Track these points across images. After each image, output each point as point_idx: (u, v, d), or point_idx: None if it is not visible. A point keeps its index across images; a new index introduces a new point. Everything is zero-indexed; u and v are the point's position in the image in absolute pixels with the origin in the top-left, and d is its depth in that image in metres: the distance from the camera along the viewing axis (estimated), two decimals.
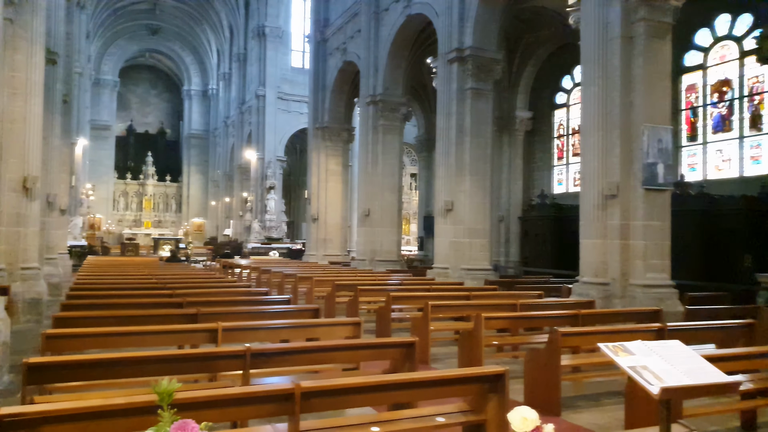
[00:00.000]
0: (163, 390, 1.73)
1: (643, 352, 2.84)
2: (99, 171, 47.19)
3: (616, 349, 2.86)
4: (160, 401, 1.73)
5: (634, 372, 2.75)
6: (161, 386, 1.73)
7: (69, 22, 19.81)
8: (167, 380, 1.75)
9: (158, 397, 1.73)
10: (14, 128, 10.44)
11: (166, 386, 1.73)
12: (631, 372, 2.75)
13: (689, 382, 2.69)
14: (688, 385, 2.68)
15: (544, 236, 19.93)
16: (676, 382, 2.70)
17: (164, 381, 1.76)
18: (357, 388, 3.55)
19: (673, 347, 2.95)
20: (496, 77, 15.30)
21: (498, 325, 7.49)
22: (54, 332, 5.05)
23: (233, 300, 8.19)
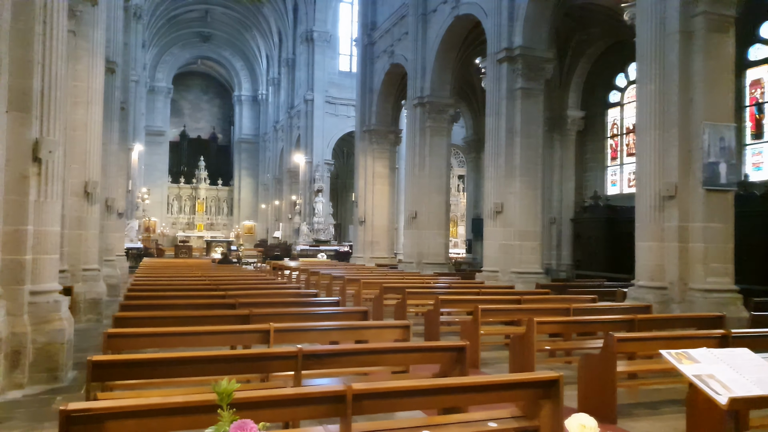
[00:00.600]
0: (223, 390, 1.74)
1: (708, 360, 2.71)
2: (154, 175, 48.79)
3: (679, 356, 2.74)
4: (220, 401, 1.75)
5: (700, 381, 2.62)
6: (221, 386, 1.75)
7: (126, 32, 20.57)
8: (227, 380, 1.77)
9: (218, 397, 1.75)
10: (76, 135, 10.85)
11: (226, 386, 1.75)
12: (696, 381, 2.63)
13: (760, 392, 2.55)
14: (760, 395, 2.54)
15: (597, 239, 19.43)
16: (746, 392, 2.56)
17: (224, 381, 1.77)
18: (408, 391, 3.52)
19: (741, 355, 2.81)
20: (547, 76, 15.03)
21: (550, 330, 7.32)
22: (114, 331, 5.21)
23: (284, 302, 8.28)
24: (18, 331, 6.24)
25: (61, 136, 6.87)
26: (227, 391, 1.74)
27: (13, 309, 6.26)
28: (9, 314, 6.21)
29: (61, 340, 6.61)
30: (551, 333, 8.34)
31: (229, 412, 1.73)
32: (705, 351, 2.80)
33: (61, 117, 6.90)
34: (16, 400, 5.95)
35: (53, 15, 6.74)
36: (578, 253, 20.68)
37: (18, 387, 6.18)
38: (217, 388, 1.75)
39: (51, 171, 6.69)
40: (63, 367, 6.59)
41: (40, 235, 6.62)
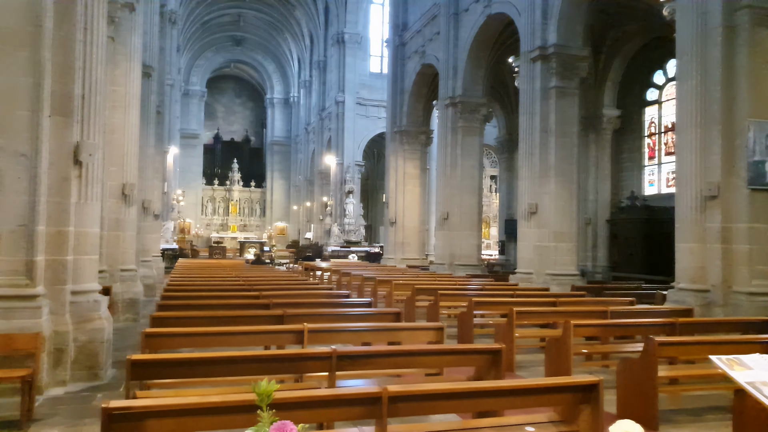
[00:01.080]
0: (263, 391, 1.73)
1: (762, 366, 2.60)
2: (188, 178, 49.64)
3: (730, 362, 2.63)
4: (260, 401, 1.74)
5: (754, 388, 2.51)
6: (261, 387, 1.74)
7: (162, 37, 20.95)
8: (266, 381, 1.76)
9: (258, 398, 1.74)
10: (114, 139, 11.09)
11: (266, 387, 1.74)
12: (750, 388, 2.52)
13: None
14: None
15: (634, 240, 19.01)
16: None
17: (263, 382, 1.76)
18: (444, 394, 3.48)
19: None
20: (582, 75, 14.78)
21: (587, 333, 7.17)
22: (152, 331, 5.29)
23: (317, 302, 8.31)
24: (60, 329, 6.39)
25: (100, 139, 7.02)
26: (267, 392, 1.72)
27: (55, 308, 6.42)
28: (52, 313, 6.37)
29: (101, 339, 6.74)
30: (588, 336, 8.18)
31: (268, 413, 1.72)
32: (758, 357, 2.68)
33: (100, 121, 7.05)
34: (58, 396, 6.09)
35: (93, 22, 6.90)
36: (614, 255, 20.28)
37: (61, 384, 6.33)
38: (257, 389, 1.74)
39: (91, 173, 6.84)
40: (103, 365, 6.73)
41: (80, 236, 6.77)
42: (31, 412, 5.22)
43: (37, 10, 6.17)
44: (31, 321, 5.97)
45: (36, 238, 6.10)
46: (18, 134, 6.07)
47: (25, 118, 6.10)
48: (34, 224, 6.09)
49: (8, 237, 6.03)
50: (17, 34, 6.09)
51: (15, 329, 5.84)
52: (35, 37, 6.15)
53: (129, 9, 11.31)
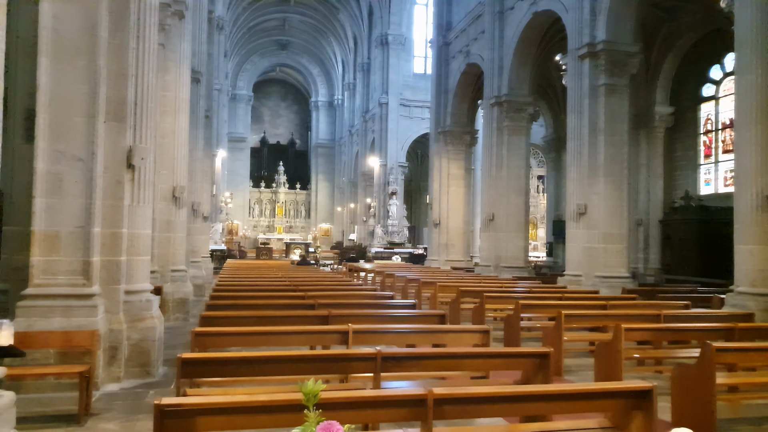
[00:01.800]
0: (310, 391, 1.73)
1: None
2: (236, 180, 50.67)
3: None
4: (306, 401, 1.74)
5: None
6: (308, 387, 1.74)
7: (210, 43, 21.44)
8: (312, 381, 1.76)
9: (304, 398, 1.74)
10: (165, 143, 11.38)
11: (312, 387, 1.74)
12: None
13: None
14: None
15: (689, 241, 18.36)
16: None
17: (310, 382, 1.76)
18: (490, 398, 3.42)
19: None
20: (632, 71, 14.36)
21: (638, 337, 6.95)
22: (202, 330, 5.41)
23: (361, 303, 8.32)
24: (115, 328, 6.60)
25: (151, 143, 7.23)
26: (314, 392, 1.73)
27: (110, 307, 6.64)
28: (107, 312, 6.59)
29: (153, 338, 6.93)
30: (639, 341, 7.94)
31: (315, 413, 1.71)
32: None
33: (151, 125, 7.26)
34: (114, 392, 6.30)
35: (145, 30, 7.12)
36: (667, 257, 19.63)
37: (115, 380, 6.54)
38: (304, 389, 1.74)
39: (143, 177, 7.05)
40: (154, 363, 6.92)
41: (133, 237, 6.99)
42: (89, 407, 5.40)
43: (94, 20, 6.39)
44: (87, 319, 6.18)
45: (92, 240, 6.32)
46: (75, 140, 6.30)
47: (82, 124, 6.33)
48: (90, 226, 6.31)
49: (67, 238, 6.26)
50: (76, 44, 6.33)
51: (73, 327, 6.06)
52: (92, 46, 6.38)
53: (178, 16, 11.61)
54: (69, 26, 6.30)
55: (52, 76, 6.21)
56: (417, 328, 6.01)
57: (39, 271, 6.15)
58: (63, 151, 6.25)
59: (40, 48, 6.14)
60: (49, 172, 6.20)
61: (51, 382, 5.97)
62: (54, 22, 6.23)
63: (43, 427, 5.05)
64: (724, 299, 9.51)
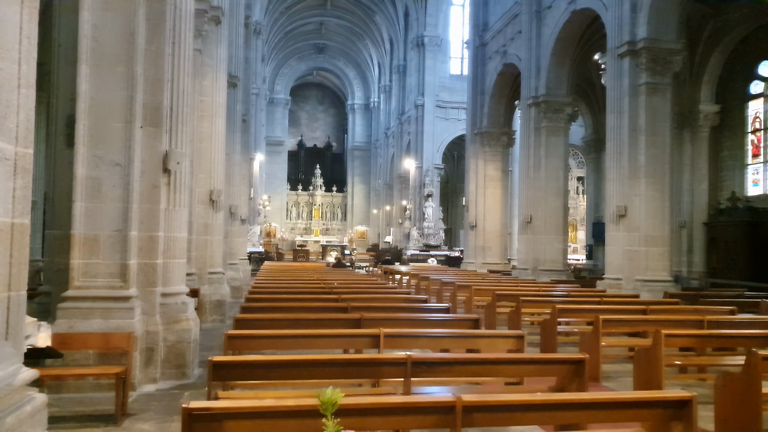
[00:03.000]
0: (327, 399, 1.70)
1: None
2: (274, 183, 51.34)
3: None
4: (324, 410, 1.70)
5: None
6: (326, 395, 1.71)
7: (247, 48, 21.76)
8: (331, 389, 1.72)
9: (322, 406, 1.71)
10: (202, 147, 11.59)
11: (330, 396, 1.70)
12: None
13: None
14: None
15: (735, 244, 17.71)
16: None
17: (328, 390, 1.73)
18: (522, 406, 3.33)
19: None
20: (676, 69, 13.94)
21: (680, 344, 6.72)
22: (234, 333, 5.45)
23: (394, 306, 8.29)
24: (151, 329, 6.72)
25: (187, 147, 7.34)
26: (331, 401, 1.69)
27: (147, 309, 6.76)
28: (143, 314, 6.71)
29: (188, 339, 7.03)
30: (682, 347, 7.68)
31: (333, 421, 1.68)
32: None
33: (187, 130, 7.38)
34: (150, 393, 6.41)
35: (181, 36, 7.24)
36: (713, 260, 18.98)
37: (152, 381, 6.66)
38: (322, 398, 1.71)
39: (179, 181, 7.16)
40: (190, 365, 7.01)
41: (169, 240, 7.11)
42: (125, 407, 5.50)
43: (131, 28, 6.53)
44: (125, 321, 6.30)
45: (129, 243, 6.44)
46: (113, 145, 6.44)
47: (119, 130, 6.47)
48: (127, 229, 6.44)
49: (105, 241, 6.41)
50: (114, 51, 6.48)
51: (111, 328, 6.19)
52: (129, 53, 6.51)
53: (215, 22, 11.79)
54: (107, 34, 6.45)
55: (91, 83, 6.37)
56: (449, 333, 5.92)
57: (79, 274, 6.31)
58: (101, 156, 6.40)
59: (79, 56, 6.30)
60: (88, 177, 6.36)
61: (90, 383, 6.11)
62: (93, 30, 6.39)
63: (81, 427, 5.17)
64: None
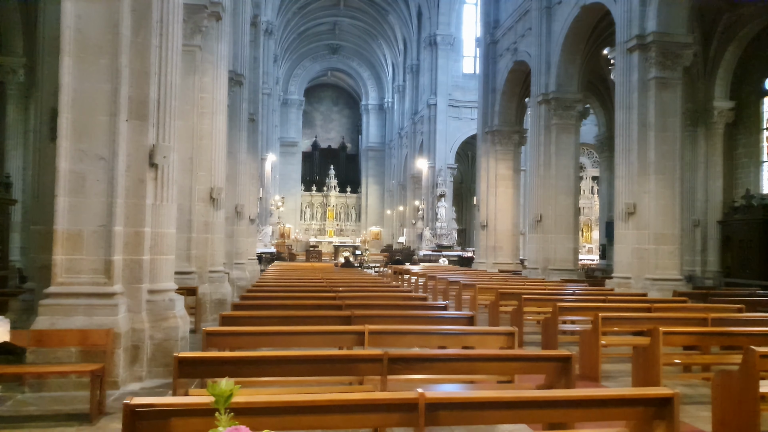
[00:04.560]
0: (220, 392, 1.53)
1: None
2: (288, 184, 51.41)
3: None
4: (216, 403, 1.53)
5: None
6: (218, 388, 1.53)
7: (256, 47, 21.70)
8: (225, 381, 1.55)
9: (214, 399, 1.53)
10: (202, 144, 11.48)
11: (223, 388, 1.53)
12: None
13: None
14: None
15: (751, 243, 17.23)
16: None
17: (222, 381, 1.55)
18: (490, 403, 3.12)
19: None
20: (686, 63, 13.55)
21: (681, 342, 6.44)
22: (214, 330, 5.31)
23: (390, 305, 8.10)
24: (137, 327, 6.60)
25: (175, 142, 7.21)
26: (224, 393, 1.51)
27: (132, 306, 6.64)
28: (129, 311, 6.60)
29: (176, 337, 6.90)
30: (686, 345, 7.40)
31: (227, 416, 1.50)
32: None
33: (175, 124, 7.26)
34: (134, 392, 6.28)
35: (169, 28, 7.12)
36: (727, 259, 18.50)
37: (137, 380, 6.54)
38: (214, 390, 1.53)
39: (166, 176, 7.04)
40: None
41: (156, 236, 6.98)
42: (103, 406, 5.38)
43: (116, 19, 6.43)
44: (108, 318, 6.20)
45: (113, 238, 6.33)
46: (97, 138, 6.35)
47: (104, 123, 6.37)
48: (111, 225, 6.34)
49: (89, 237, 6.31)
50: (98, 43, 6.38)
51: (95, 325, 6.08)
52: (114, 44, 6.42)
53: (215, 18, 11.70)
54: (91, 25, 6.35)
55: (74, 75, 6.28)
56: (437, 330, 5.73)
57: (62, 270, 6.21)
58: (85, 150, 6.30)
59: (62, 47, 6.21)
60: (71, 171, 6.26)
61: (73, 381, 6.00)
62: (76, 21, 6.30)
63: (56, 425, 5.05)
64: None
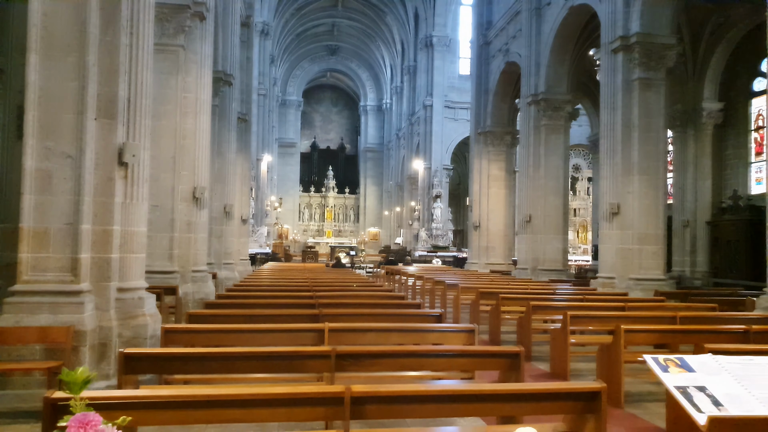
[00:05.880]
0: (72, 378, 1.55)
1: (710, 369, 2.11)
2: (286, 185, 51.48)
3: (669, 362, 2.16)
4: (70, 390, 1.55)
5: (683, 394, 2.03)
6: (72, 374, 1.55)
7: (248, 48, 21.76)
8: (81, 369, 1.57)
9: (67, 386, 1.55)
10: (185, 144, 11.51)
11: (78, 374, 1.55)
12: (677, 393, 2.05)
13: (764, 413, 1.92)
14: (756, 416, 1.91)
15: (738, 243, 17.24)
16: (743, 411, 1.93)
17: (81, 368, 1.58)
18: (417, 397, 3.14)
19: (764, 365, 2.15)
20: (669, 64, 13.56)
21: (642, 340, 6.45)
22: (172, 327, 5.35)
23: (363, 303, 8.14)
24: (105, 324, 6.61)
25: (146, 141, 7.24)
26: (77, 379, 1.54)
27: (100, 304, 6.66)
28: (97, 309, 6.61)
29: (145, 335, 6.92)
30: (656, 344, 7.43)
31: (81, 402, 1.53)
32: (707, 358, 2.19)
33: (146, 123, 7.28)
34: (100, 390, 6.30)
35: (139, 26, 7.14)
36: (716, 260, 18.49)
37: (105, 378, 6.54)
38: (68, 377, 1.55)
39: (136, 174, 7.06)
40: None
41: (126, 235, 7.00)
42: None
43: (83, 17, 6.45)
44: (74, 316, 6.21)
45: (80, 237, 6.35)
46: (64, 136, 6.36)
47: (71, 121, 6.38)
48: (78, 223, 6.35)
49: (56, 235, 6.32)
50: (65, 41, 6.40)
51: (60, 323, 6.10)
52: (81, 42, 6.43)
53: (199, 18, 11.74)
54: (58, 23, 6.37)
55: (41, 73, 6.30)
56: (398, 327, 5.74)
57: (28, 268, 6.23)
58: (52, 148, 6.32)
59: (29, 45, 6.24)
60: (38, 169, 6.28)
61: (37, 379, 6.02)
62: (43, 19, 6.32)
63: (12, 422, 5.07)
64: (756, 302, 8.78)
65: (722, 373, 2.17)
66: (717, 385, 2.11)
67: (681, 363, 2.24)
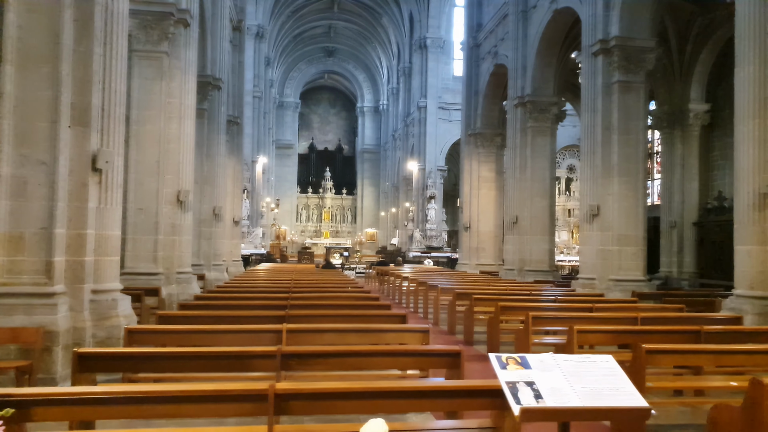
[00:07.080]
0: None
1: (545, 366, 2.31)
2: (284, 186, 51.72)
3: (510, 360, 2.36)
4: None
5: (510, 388, 2.23)
6: None
7: (240, 52, 22.00)
8: None
9: None
10: (170, 148, 11.73)
11: None
12: (505, 387, 2.25)
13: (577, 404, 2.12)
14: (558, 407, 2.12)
15: (722, 244, 17.37)
16: (559, 404, 2.13)
17: None
18: (341, 393, 3.34)
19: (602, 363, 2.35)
20: (648, 68, 13.74)
21: (596, 340, 6.63)
22: (134, 328, 5.55)
23: (335, 304, 8.32)
24: (79, 326, 6.84)
25: (120, 147, 7.47)
26: None
27: (75, 305, 6.88)
28: (71, 310, 6.83)
29: (119, 336, 7.13)
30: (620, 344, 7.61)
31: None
32: (547, 356, 2.38)
33: (120, 129, 7.51)
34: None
35: (113, 37, 7.38)
36: (703, 260, 18.66)
37: None
38: None
39: (110, 180, 7.29)
40: None
41: (101, 238, 7.23)
42: None
43: (57, 29, 6.68)
44: (48, 317, 6.44)
45: (54, 240, 6.57)
46: (39, 144, 6.59)
47: (45, 129, 6.61)
48: (53, 227, 6.58)
49: (30, 239, 6.55)
50: (40, 51, 6.62)
51: (35, 324, 6.31)
52: (55, 53, 6.66)
53: (183, 25, 11.96)
54: (33, 35, 6.60)
55: (16, 84, 6.53)
56: (355, 328, 5.94)
57: (3, 271, 6.45)
58: (27, 155, 6.55)
59: (4, 56, 6.47)
60: (13, 176, 6.51)
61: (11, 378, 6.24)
62: (18, 31, 6.55)
63: None
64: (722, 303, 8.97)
65: (555, 370, 2.35)
66: (545, 380, 2.29)
67: (521, 361, 2.42)
